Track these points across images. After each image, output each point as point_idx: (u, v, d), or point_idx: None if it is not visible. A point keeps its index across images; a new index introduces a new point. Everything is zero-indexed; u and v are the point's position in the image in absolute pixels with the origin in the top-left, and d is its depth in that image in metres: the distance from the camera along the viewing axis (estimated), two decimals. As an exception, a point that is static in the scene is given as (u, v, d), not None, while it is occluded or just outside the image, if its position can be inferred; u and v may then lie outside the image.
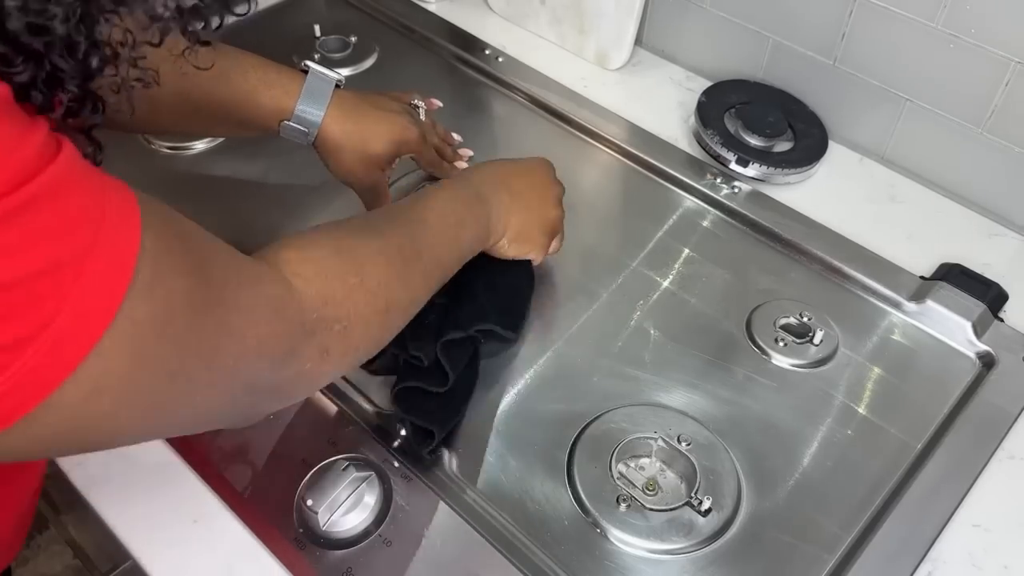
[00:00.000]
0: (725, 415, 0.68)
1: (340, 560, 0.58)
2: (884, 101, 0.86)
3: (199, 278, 0.40)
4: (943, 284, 0.76)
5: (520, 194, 0.70)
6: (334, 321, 0.50)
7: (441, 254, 0.62)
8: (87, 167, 0.37)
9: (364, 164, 0.74)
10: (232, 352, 0.43)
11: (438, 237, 0.62)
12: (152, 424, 0.43)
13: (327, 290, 0.50)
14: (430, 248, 0.61)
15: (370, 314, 0.54)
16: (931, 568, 0.60)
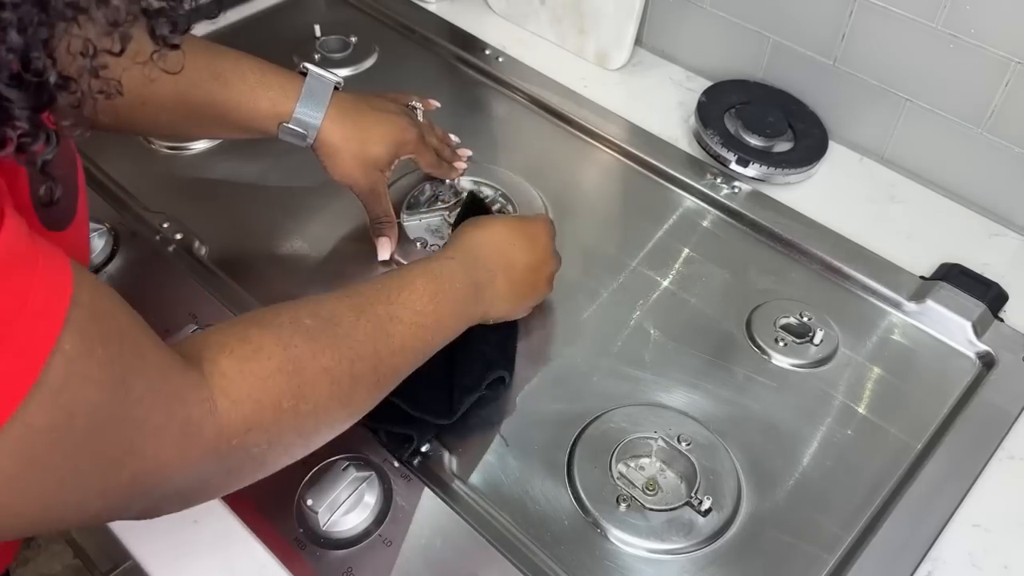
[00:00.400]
0: (725, 415, 0.68)
1: (340, 560, 0.58)
2: (884, 101, 0.86)
3: (114, 392, 0.38)
4: (943, 284, 0.76)
5: (517, 281, 0.67)
6: (253, 446, 0.47)
7: (403, 363, 0.57)
8: (22, 252, 0.35)
9: (363, 166, 0.73)
10: (131, 469, 0.41)
11: (407, 342, 0.56)
12: (38, 521, 0.41)
13: (255, 416, 0.46)
14: (391, 358, 0.55)
15: (294, 438, 0.50)
16: (931, 568, 0.60)
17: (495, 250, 0.66)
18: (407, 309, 0.57)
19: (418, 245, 0.80)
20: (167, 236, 0.78)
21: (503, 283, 0.65)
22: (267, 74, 0.71)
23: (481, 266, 0.64)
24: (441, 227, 0.82)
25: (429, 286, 0.59)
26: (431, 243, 0.80)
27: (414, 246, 0.80)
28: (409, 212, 0.83)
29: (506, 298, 0.66)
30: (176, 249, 0.77)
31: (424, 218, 0.83)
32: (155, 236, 0.78)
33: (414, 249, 0.80)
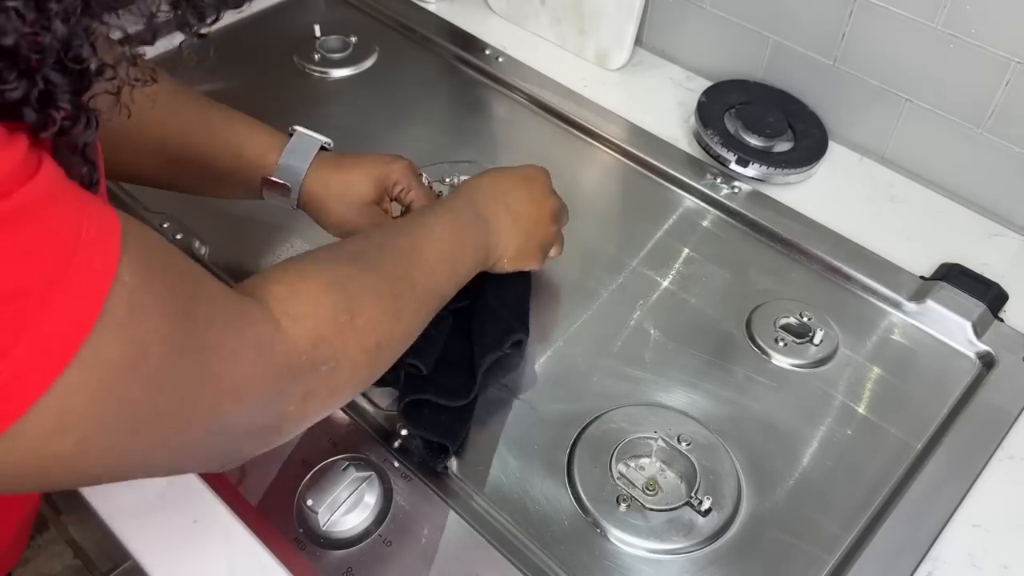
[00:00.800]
0: (725, 415, 0.69)
1: (340, 560, 0.58)
2: (884, 101, 0.86)
3: (180, 320, 0.38)
4: (943, 284, 0.76)
5: (520, 214, 0.68)
6: (322, 363, 0.48)
7: (436, 285, 0.60)
8: (67, 188, 0.35)
9: (356, 210, 0.70)
10: (211, 397, 0.41)
11: (434, 267, 0.59)
12: (121, 466, 0.41)
13: (317, 330, 0.48)
14: (425, 280, 0.58)
15: (359, 353, 0.51)
16: (931, 568, 0.60)
17: (492, 191, 0.67)
18: (425, 239, 0.59)
19: (418, 245, 0.80)
20: (167, 236, 0.78)
21: (506, 218, 0.67)
22: (255, 127, 0.70)
23: (482, 204, 0.66)
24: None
25: (440, 217, 0.62)
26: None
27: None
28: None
29: (513, 232, 0.67)
30: (176, 249, 0.77)
31: (424, 218, 0.83)
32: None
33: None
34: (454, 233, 0.62)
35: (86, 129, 0.38)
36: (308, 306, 0.48)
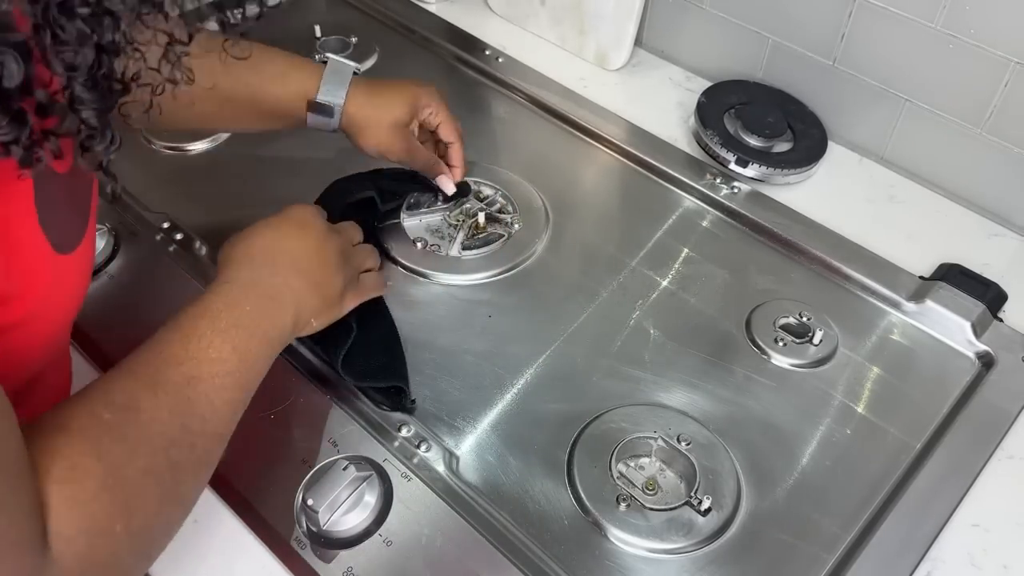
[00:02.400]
0: (725, 415, 0.69)
1: (340, 560, 0.58)
2: (883, 101, 0.86)
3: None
4: (942, 284, 0.76)
5: (307, 269, 0.61)
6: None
7: (220, 423, 0.52)
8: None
9: (390, 132, 0.76)
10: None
11: (216, 399, 0.51)
12: None
13: (90, 552, 0.43)
14: (205, 424, 0.50)
15: (133, 562, 0.47)
16: (931, 568, 0.60)
17: (273, 252, 0.60)
18: (202, 361, 0.51)
19: (418, 245, 0.80)
20: (167, 236, 0.78)
21: (297, 281, 0.60)
22: (294, 60, 0.75)
23: (263, 277, 0.58)
24: (441, 227, 0.82)
25: (216, 325, 0.53)
26: (431, 243, 0.80)
27: (414, 246, 0.80)
28: (409, 212, 0.83)
29: (310, 293, 0.60)
30: (176, 249, 0.78)
31: (424, 218, 0.83)
32: (155, 236, 0.78)
33: (414, 249, 0.80)
34: (239, 342, 0.53)
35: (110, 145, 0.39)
36: (82, 519, 0.43)
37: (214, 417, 0.51)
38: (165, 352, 0.51)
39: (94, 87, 0.37)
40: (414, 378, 0.69)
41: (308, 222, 0.64)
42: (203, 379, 0.51)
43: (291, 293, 0.59)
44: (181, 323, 0.53)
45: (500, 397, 0.69)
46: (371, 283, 0.69)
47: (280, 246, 0.61)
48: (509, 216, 0.83)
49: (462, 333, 0.74)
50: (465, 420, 0.68)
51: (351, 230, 0.70)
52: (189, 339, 0.52)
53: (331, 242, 0.64)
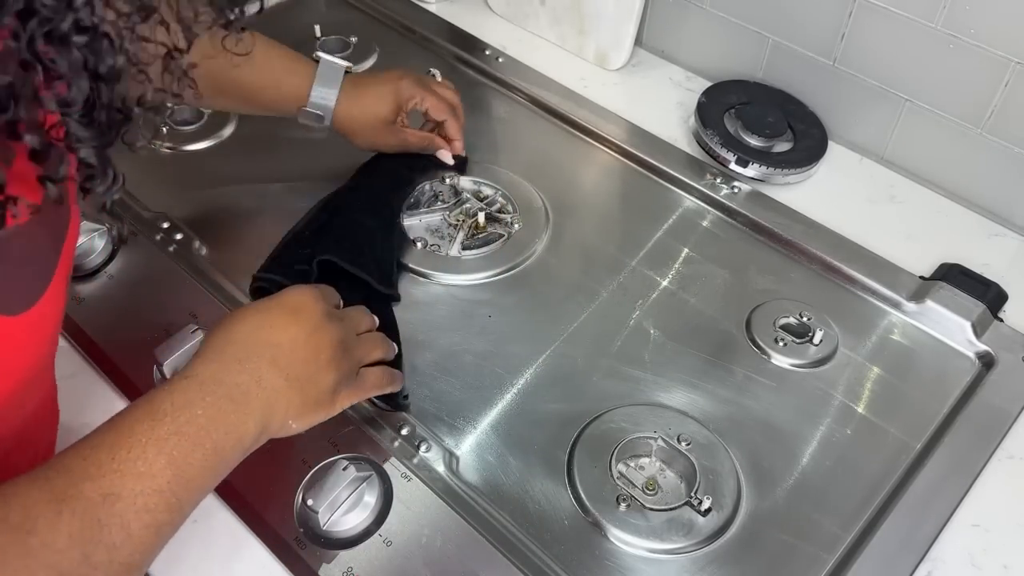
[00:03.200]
0: (725, 415, 0.69)
1: (340, 560, 0.58)
2: (884, 101, 0.86)
3: None
4: (943, 284, 0.76)
5: (292, 363, 0.52)
6: None
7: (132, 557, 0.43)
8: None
9: (379, 132, 0.79)
10: None
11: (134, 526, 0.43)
12: None
13: None
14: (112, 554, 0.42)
15: None
16: (931, 568, 0.60)
17: (249, 342, 0.52)
18: (126, 475, 0.43)
19: (418, 245, 0.80)
20: (167, 236, 0.78)
21: (273, 377, 0.51)
22: (290, 61, 0.77)
23: (232, 371, 0.50)
24: (441, 227, 0.82)
25: (155, 431, 0.45)
26: (431, 243, 0.80)
27: (414, 246, 0.80)
28: (409, 212, 0.83)
29: (289, 391, 0.52)
30: (176, 249, 0.78)
31: (424, 218, 0.83)
32: (155, 236, 0.78)
33: (414, 249, 0.80)
34: (177, 455, 0.45)
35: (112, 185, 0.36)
36: None
37: (127, 544, 0.43)
38: (89, 459, 0.43)
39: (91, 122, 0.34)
40: (414, 378, 0.69)
41: (303, 307, 0.55)
42: (123, 497, 0.43)
43: (261, 393, 0.50)
44: (119, 423, 0.45)
45: (500, 397, 0.69)
46: (372, 379, 0.60)
47: (260, 336, 0.52)
48: (509, 216, 0.83)
49: (462, 333, 0.74)
50: (465, 420, 0.68)
51: (358, 316, 0.61)
52: (118, 446, 0.44)
53: (326, 332, 0.55)
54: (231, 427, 0.48)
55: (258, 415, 0.50)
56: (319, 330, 0.55)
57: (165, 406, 0.46)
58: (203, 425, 0.47)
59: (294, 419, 0.53)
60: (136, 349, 0.67)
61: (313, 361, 0.54)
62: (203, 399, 0.47)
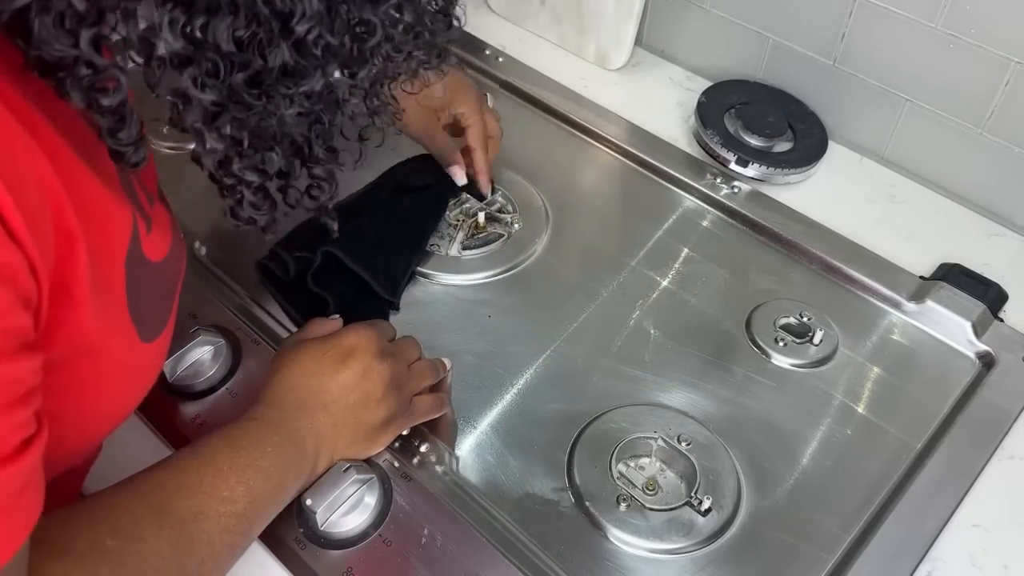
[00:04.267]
0: (725, 415, 0.68)
1: (340, 560, 0.58)
2: (884, 101, 0.86)
3: None
4: (943, 284, 0.76)
5: (343, 406, 0.58)
6: None
7: (213, 568, 0.50)
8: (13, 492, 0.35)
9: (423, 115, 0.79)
10: None
11: (217, 541, 0.49)
12: None
13: None
14: (200, 565, 0.48)
15: None
16: (931, 568, 0.60)
17: (304, 389, 0.57)
18: (212, 498, 0.49)
19: (418, 245, 0.80)
20: (167, 236, 0.78)
21: (327, 423, 0.57)
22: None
23: (292, 416, 0.56)
24: (441, 226, 0.82)
25: (234, 462, 0.51)
26: (431, 243, 0.80)
27: (414, 246, 0.80)
28: (409, 212, 0.83)
29: (340, 435, 0.58)
30: (176, 249, 0.77)
31: (424, 218, 0.83)
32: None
33: (414, 249, 0.80)
34: (252, 484, 0.51)
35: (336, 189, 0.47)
36: None
37: (210, 559, 0.48)
38: (180, 480, 0.49)
39: (334, 150, 0.43)
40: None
41: (355, 350, 0.59)
42: (210, 516, 0.49)
43: (314, 439, 0.56)
44: (202, 451, 0.51)
45: (500, 397, 0.69)
46: (422, 408, 0.63)
47: (313, 384, 0.57)
48: (509, 216, 0.83)
49: (462, 333, 0.74)
50: (465, 420, 0.68)
51: (408, 348, 0.63)
52: (205, 471, 0.50)
53: (376, 373, 0.59)
54: (292, 465, 0.55)
55: (312, 457, 0.56)
56: (370, 372, 0.59)
57: (241, 441, 0.53)
58: (272, 461, 0.53)
59: (342, 455, 0.59)
60: (136, 349, 0.67)
61: (363, 404, 0.58)
62: (271, 439, 0.54)
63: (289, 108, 0.39)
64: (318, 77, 0.38)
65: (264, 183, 0.42)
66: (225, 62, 0.35)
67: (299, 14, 0.35)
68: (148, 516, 0.46)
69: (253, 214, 0.44)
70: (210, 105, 0.37)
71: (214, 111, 0.37)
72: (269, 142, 0.41)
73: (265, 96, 0.37)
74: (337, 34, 0.37)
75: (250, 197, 0.43)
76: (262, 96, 0.37)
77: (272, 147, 0.41)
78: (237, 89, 0.36)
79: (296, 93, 0.38)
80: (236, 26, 0.34)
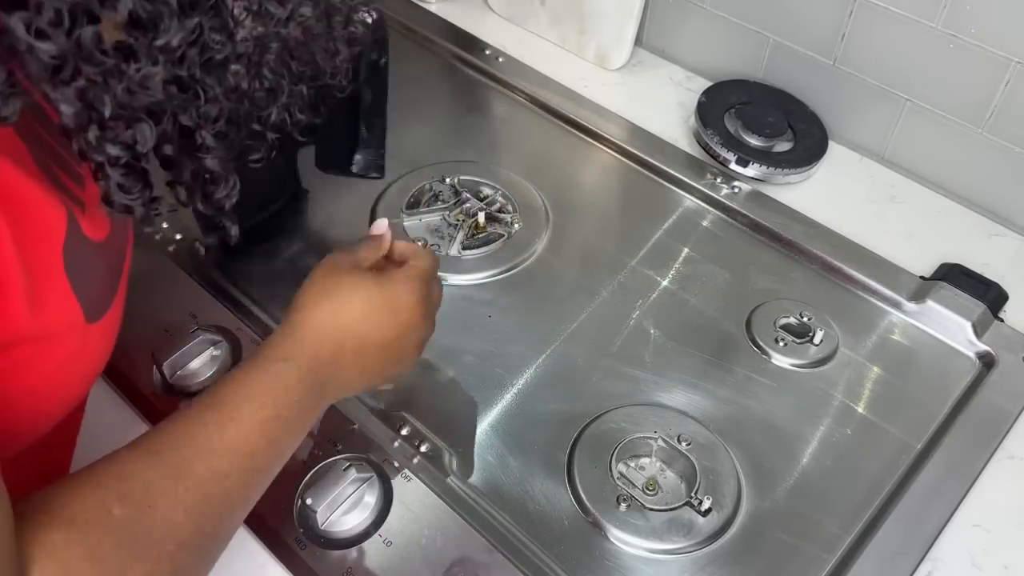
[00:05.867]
0: (725, 415, 0.68)
1: (340, 560, 0.58)
2: (884, 101, 0.86)
3: None
4: (943, 284, 0.76)
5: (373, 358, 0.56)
6: None
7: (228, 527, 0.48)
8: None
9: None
10: None
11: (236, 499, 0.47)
12: None
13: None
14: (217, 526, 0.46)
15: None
16: (931, 568, 0.60)
17: (345, 331, 0.54)
18: (235, 455, 0.47)
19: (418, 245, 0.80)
20: (167, 236, 0.78)
21: (356, 372, 0.55)
22: None
23: (323, 365, 0.53)
24: (441, 226, 0.82)
25: (258, 414, 0.48)
26: (431, 243, 0.80)
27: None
28: (409, 211, 0.83)
29: (359, 382, 0.57)
30: (176, 249, 0.77)
31: (424, 218, 0.83)
32: (155, 236, 0.78)
33: (414, 249, 0.80)
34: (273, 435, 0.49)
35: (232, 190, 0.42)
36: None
37: (228, 517, 0.47)
38: (198, 437, 0.46)
39: (225, 136, 0.38)
40: (413, 378, 0.69)
41: (404, 307, 0.56)
42: (230, 475, 0.46)
43: (341, 386, 0.55)
44: (223, 399, 0.48)
45: (500, 397, 0.69)
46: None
47: (354, 332, 0.54)
48: (509, 216, 0.83)
49: (462, 333, 0.74)
50: (465, 420, 0.68)
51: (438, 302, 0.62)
52: (227, 424, 0.47)
53: (414, 334, 0.58)
54: (313, 413, 0.53)
55: (330, 400, 0.55)
56: (408, 334, 0.57)
57: (266, 388, 0.49)
58: (296, 412, 0.50)
59: (355, 393, 0.60)
60: (136, 349, 0.67)
61: (395, 360, 0.57)
62: (299, 385, 0.51)
63: (152, 67, 0.34)
64: (175, 28, 0.34)
65: (131, 160, 0.37)
66: (65, 7, 0.31)
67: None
68: (162, 481, 0.44)
69: (123, 199, 0.38)
70: (49, 59, 0.32)
71: (54, 64, 0.33)
72: (138, 113, 0.36)
73: (117, 52, 0.33)
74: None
75: (117, 177, 0.37)
76: (111, 52, 0.33)
77: (142, 119, 0.36)
78: (84, 43, 0.32)
79: (153, 49, 0.34)
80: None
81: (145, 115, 0.36)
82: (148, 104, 0.36)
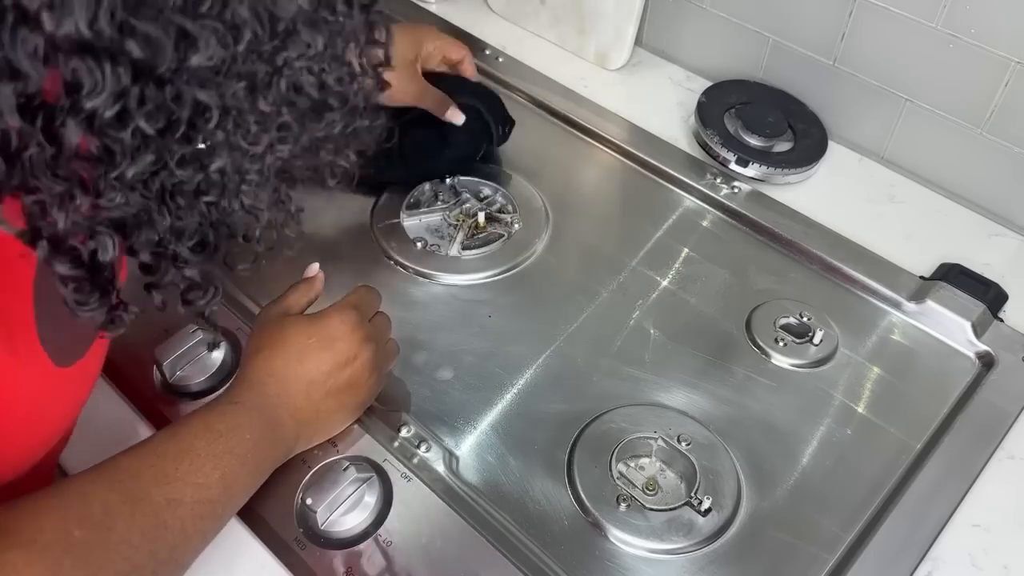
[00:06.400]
0: (725, 415, 0.68)
1: (340, 560, 0.58)
2: (884, 101, 0.86)
3: None
4: (943, 284, 0.76)
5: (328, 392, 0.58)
6: None
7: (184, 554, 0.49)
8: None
9: (403, 75, 0.78)
10: None
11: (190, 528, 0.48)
12: None
13: None
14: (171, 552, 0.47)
15: None
16: (931, 568, 0.60)
17: (287, 374, 0.57)
18: (188, 485, 0.49)
19: (418, 245, 0.80)
20: (167, 236, 0.78)
21: (308, 409, 0.57)
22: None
23: (273, 402, 0.56)
24: (441, 226, 0.82)
25: (212, 448, 0.51)
26: (431, 243, 0.80)
27: (414, 246, 0.80)
28: (409, 212, 0.83)
29: (319, 420, 0.59)
30: (176, 249, 0.77)
31: (424, 218, 0.83)
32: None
33: (414, 249, 0.80)
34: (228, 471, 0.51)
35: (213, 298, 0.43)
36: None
37: (182, 546, 0.48)
38: (156, 466, 0.49)
39: (202, 249, 0.38)
40: (414, 378, 0.70)
41: (342, 337, 0.58)
42: (184, 504, 0.48)
43: (294, 424, 0.56)
44: (180, 434, 0.51)
45: (500, 397, 0.69)
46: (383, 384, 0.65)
47: (297, 372, 0.57)
48: (509, 216, 0.83)
49: (462, 333, 0.74)
50: (465, 420, 0.68)
51: (384, 326, 0.64)
52: (181, 457, 0.49)
53: (361, 362, 0.60)
54: (269, 451, 0.55)
55: (290, 442, 0.57)
56: (353, 360, 0.59)
57: (219, 426, 0.52)
58: (250, 448, 0.52)
59: (321, 438, 0.60)
60: (136, 349, 0.67)
61: (346, 390, 0.59)
62: (251, 424, 0.53)
63: (111, 192, 0.33)
64: (127, 164, 0.33)
65: (84, 276, 0.36)
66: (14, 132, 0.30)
67: (88, 86, 0.29)
68: (120, 505, 0.46)
69: (78, 309, 0.37)
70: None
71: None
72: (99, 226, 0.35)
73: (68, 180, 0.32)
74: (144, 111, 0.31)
75: (69, 293, 0.36)
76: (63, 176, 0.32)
77: (103, 232, 0.35)
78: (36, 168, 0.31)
79: (108, 180, 0.33)
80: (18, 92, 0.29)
81: (109, 227, 0.35)
82: (110, 219, 0.35)
